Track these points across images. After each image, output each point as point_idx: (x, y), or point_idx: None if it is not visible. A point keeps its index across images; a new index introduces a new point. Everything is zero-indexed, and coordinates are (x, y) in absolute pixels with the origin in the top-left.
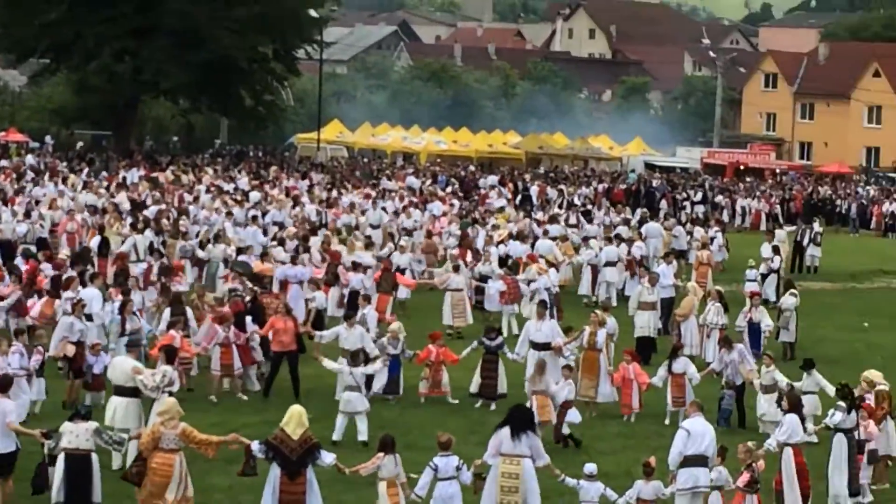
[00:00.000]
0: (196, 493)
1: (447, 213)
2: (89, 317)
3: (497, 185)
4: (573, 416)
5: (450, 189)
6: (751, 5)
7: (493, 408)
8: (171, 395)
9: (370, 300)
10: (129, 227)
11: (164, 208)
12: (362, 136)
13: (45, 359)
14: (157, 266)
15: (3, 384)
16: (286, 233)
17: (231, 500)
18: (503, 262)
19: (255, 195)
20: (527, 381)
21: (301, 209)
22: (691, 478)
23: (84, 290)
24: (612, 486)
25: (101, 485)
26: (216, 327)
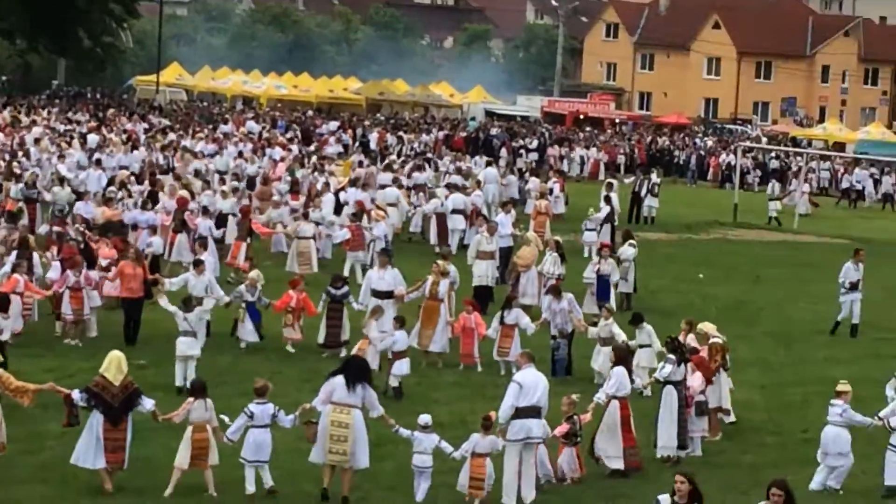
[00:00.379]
0: (28, 440)
1: (285, 159)
2: None
3: (337, 131)
4: (400, 367)
5: (290, 135)
6: None
7: (326, 356)
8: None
9: (206, 246)
10: None
11: None
12: (202, 79)
13: None
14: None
15: None
16: (118, 177)
17: (64, 447)
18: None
19: (93, 138)
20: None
21: (149, 153)
22: (523, 429)
23: None
24: (448, 436)
25: None
26: (67, 272)
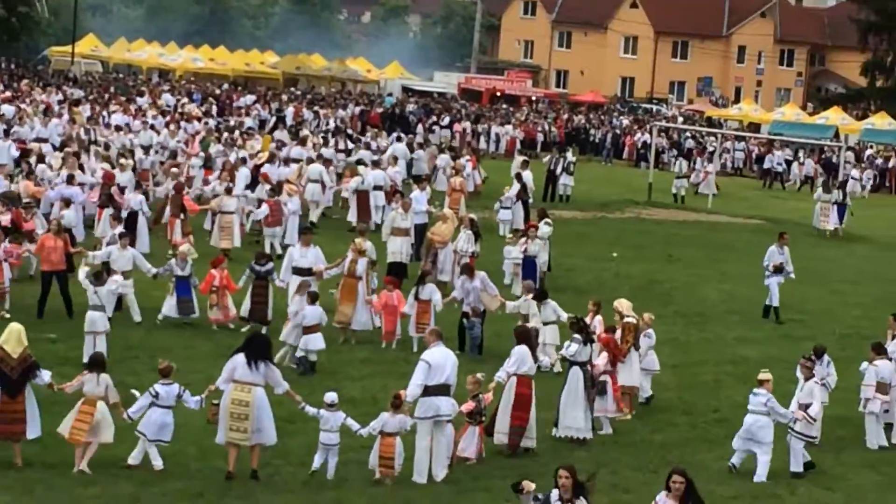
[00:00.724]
0: None
1: (200, 133)
2: None
3: (253, 104)
4: (313, 341)
5: (205, 108)
6: None
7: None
8: None
9: (121, 220)
10: None
11: None
12: (118, 51)
13: None
14: None
15: None
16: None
17: None
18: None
19: (7, 109)
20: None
21: (70, 126)
22: (432, 407)
23: None
24: (359, 413)
25: None
26: None
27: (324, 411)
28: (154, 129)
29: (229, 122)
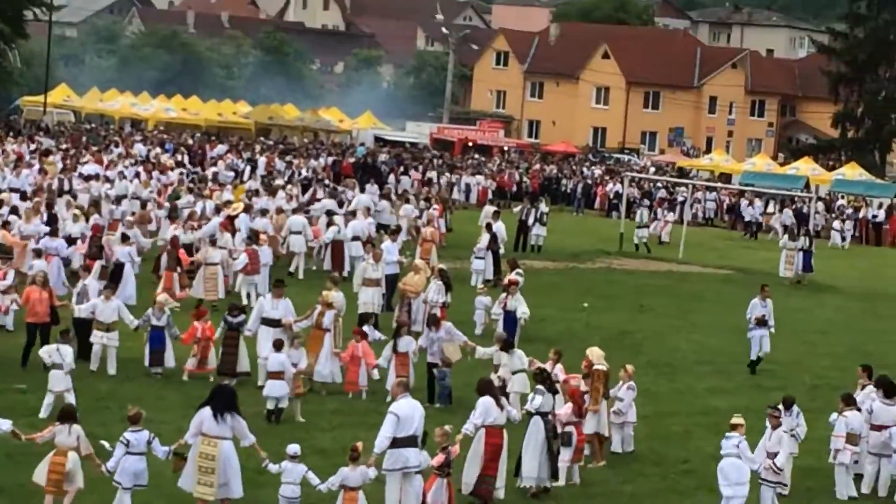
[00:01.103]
0: None
1: (174, 183)
2: None
3: (226, 154)
4: (273, 388)
5: (179, 158)
6: None
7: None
8: None
9: (90, 270)
10: None
11: None
12: (90, 101)
13: None
14: None
15: None
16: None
17: None
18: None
19: None
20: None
21: (42, 177)
22: (401, 459)
23: None
24: (329, 464)
25: None
26: None
27: (286, 463)
28: (126, 178)
29: (202, 172)
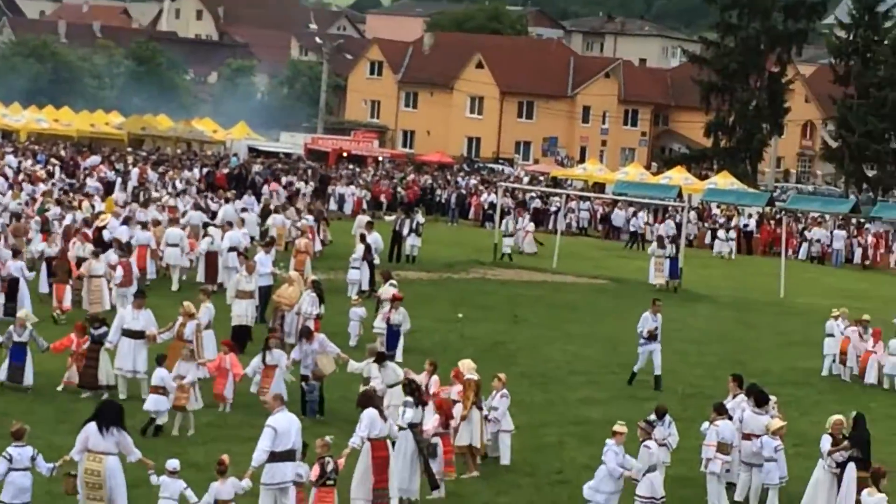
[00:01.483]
0: None
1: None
2: None
3: (98, 165)
4: (154, 402)
5: (49, 169)
6: None
7: (85, 395)
8: None
9: None
10: None
11: None
12: None
13: None
14: None
15: None
16: None
17: None
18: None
19: None
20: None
21: None
22: (278, 473)
23: None
24: (202, 478)
25: None
26: None
27: (164, 478)
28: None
29: (74, 183)
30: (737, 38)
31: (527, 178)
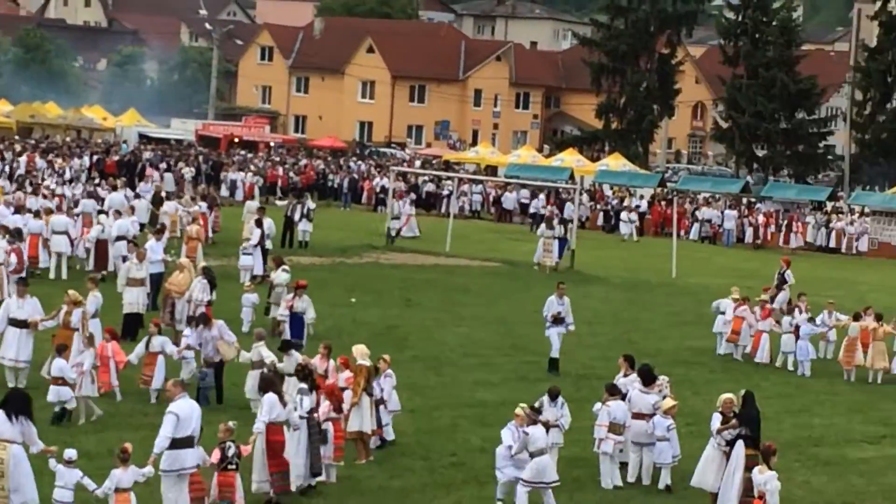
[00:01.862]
0: None
1: None
2: None
3: None
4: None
5: None
6: None
7: None
8: None
9: None
10: None
11: None
12: None
13: None
14: None
15: None
16: None
17: None
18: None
19: None
20: None
21: None
22: (178, 460)
23: None
24: (94, 466)
25: None
26: None
27: (61, 466)
28: None
29: None
30: (627, 20)
31: (418, 162)
